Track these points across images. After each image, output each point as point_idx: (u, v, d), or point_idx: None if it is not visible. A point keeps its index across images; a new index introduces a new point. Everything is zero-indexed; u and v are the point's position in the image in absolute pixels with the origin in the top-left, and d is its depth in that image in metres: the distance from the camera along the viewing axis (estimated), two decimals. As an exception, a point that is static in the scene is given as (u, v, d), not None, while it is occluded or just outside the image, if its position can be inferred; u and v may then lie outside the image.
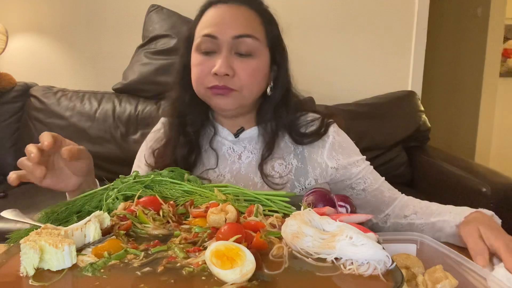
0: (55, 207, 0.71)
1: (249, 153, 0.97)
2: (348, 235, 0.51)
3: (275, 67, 0.96)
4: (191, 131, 0.97)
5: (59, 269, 0.49)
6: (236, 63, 0.88)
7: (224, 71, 0.86)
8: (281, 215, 0.67)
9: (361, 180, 0.96)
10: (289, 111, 0.97)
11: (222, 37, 0.87)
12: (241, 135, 0.98)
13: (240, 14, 0.90)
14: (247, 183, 0.94)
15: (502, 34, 3.50)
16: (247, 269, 0.46)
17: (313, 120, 1.00)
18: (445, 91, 3.84)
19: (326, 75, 2.33)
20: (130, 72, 2.19)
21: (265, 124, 0.97)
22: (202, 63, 0.89)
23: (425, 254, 0.66)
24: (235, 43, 0.87)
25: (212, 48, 0.89)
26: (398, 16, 2.42)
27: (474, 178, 1.78)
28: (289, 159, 0.96)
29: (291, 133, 0.97)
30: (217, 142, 0.99)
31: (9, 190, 1.90)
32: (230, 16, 0.89)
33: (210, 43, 0.88)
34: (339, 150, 0.96)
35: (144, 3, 2.27)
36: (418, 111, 2.23)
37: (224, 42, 0.87)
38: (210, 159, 0.97)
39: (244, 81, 0.88)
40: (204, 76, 0.89)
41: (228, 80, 0.87)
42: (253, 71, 0.89)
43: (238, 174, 0.96)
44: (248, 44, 0.88)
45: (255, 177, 0.95)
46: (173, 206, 0.68)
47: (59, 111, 2.11)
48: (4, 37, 2.14)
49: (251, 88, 0.90)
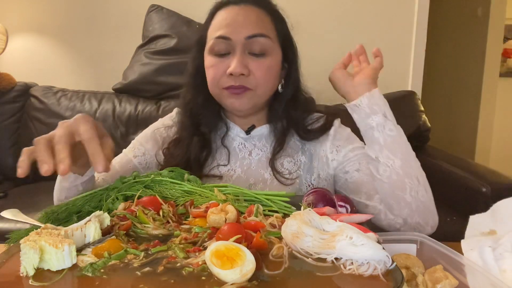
0: (55, 207, 0.71)
1: (259, 151, 0.99)
2: (348, 235, 0.51)
3: (286, 64, 0.98)
4: (206, 131, 0.98)
5: (59, 269, 0.49)
6: (251, 63, 0.89)
7: (240, 71, 0.87)
8: (281, 215, 0.67)
9: (356, 162, 0.94)
10: (298, 108, 0.99)
11: (235, 38, 0.89)
12: (252, 133, 0.99)
13: (251, 14, 0.91)
14: (258, 179, 0.96)
15: (502, 34, 3.51)
16: (247, 269, 0.46)
17: (319, 118, 1.02)
18: (445, 91, 3.85)
19: (326, 75, 2.33)
20: (130, 72, 2.19)
21: (276, 122, 0.99)
22: (217, 65, 0.90)
23: (425, 254, 0.65)
24: (248, 43, 0.89)
25: (225, 49, 0.90)
26: (398, 16, 2.42)
27: (474, 178, 1.78)
28: (297, 157, 0.98)
29: (298, 130, 0.99)
30: (228, 138, 1.00)
31: (9, 190, 1.90)
32: (242, 17, 0.90)
33: (223, 44, 0.89)
34: (340, 140, 0.97)
35: (144, 3, 2.27)
36: (418, 111, 2.23)
37: (238, 42, 0.89)
38: (221, 155, 0.99)
39: (259, 80, 0.90)
40: (219, 77, 0.90)
41: (243, 79, 0.89)
42: (267, 70, 0.91)
43: (248, 170, 0.97)
44: (261, 43, 0.89)
45: (265, 173, 0.96)
46: (173, 206, 0.68)
47: (59, 111, 2.11)
48: (4, 37, 2.14)
49: (265, 86, 0.92)
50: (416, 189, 0.83)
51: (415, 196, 0.83)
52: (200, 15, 1.07)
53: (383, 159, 0.84)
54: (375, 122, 0.85)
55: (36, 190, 1.91)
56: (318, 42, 2.38)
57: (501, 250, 0.64)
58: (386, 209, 0.86)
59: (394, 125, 0.86)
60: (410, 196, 0.83)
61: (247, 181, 0.96)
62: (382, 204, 0.87)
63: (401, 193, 0.83)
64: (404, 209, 0.83)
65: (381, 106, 0.86)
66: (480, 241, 0.66)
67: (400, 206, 0.84)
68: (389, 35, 2.43)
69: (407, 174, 0.83)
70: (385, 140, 0.84)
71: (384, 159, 0.84)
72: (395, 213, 0.85)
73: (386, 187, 0.84)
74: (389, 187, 0.84)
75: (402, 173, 0.83)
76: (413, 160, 0.86)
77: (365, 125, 0.86)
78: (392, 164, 0.84)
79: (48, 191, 0.89)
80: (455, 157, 2.13)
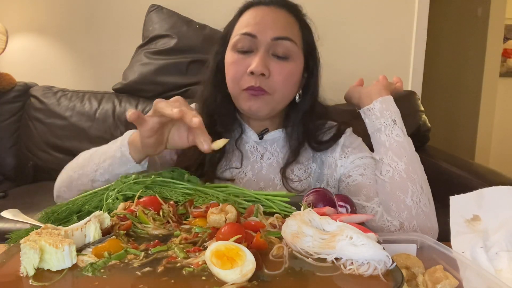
0: (55, 207, 0.71)
1: (271, 155, 0.98)
2: (348, 235, 0.51)
3: (306, 74, 0.96)
4: (221, 131, 0.96)
5: (59, 269, 0.49)
6: (273, 64, 0.88)
7: (261, 70, 0.85)
8: (282, 216, 0.67)
9: (362, 168, 0.92)
10: (314, 119, 0.97)
11: (261, 37, 0.87)
12: (265, 137, 0.98)
13: (280, 17, 0.90)
14: (268, 183, 0.95)
15: (502, 34, 3.51)
16: (247, 269, 0.46)
17: (330, 127, 1.00)
18: (445, 91, 3.85)
19: (326, 75, 2.32)
20: (130, 72, 2.19)
21: (291, 129, 0.97)
22: (238, 62, 0.89)
23: (425, 254, 0.65)
24: (273, 44, 0.88)
25: (249, 47, 0.88)
26: (398, 16, 2.42)
27: (474, 178, 1.78)
28: (308, 164, 0.97)
29: (311, 142, 0.97)
30: (242, 141, 0.99)
31: (9, 190, 1.90)
32: (271, 18, 0.89)
33: (248, 41, 0.88)
34: (350, 147, 0.96)
35: (144, 3, 2.27)
36: (418, 111, 2.23)
37: (263, 42, 0.87)
38: (234, 157, 0.98)
39: (278, 84, 0.88)
40: (240, 76, 0.89)
41: (263, 80, 0.87)
42: (288, 74, 0.89)
43: (259, 173, 0.96)
44: (286, 46, 0.88)
45: (276, 178, 0.95)
46: (173, 206, 0.68)
47: (59, 111, 2.10)
48: (4, 37, 2.14)
49: (284, 92, 0.90)
50: (418, 196, 0.82)
51: (417, 202, 0.82)
52: (200, 15, 1.07)
53: (387, 161, 0.84)
54: (383, 125, 0.86)
55: (36, 190, 1.91)
56: (318, 41, 2.38)
57: (497, 249, 0.64)
58: (384, 210, 0.85)
59: (403, 132, 0.86)
60: (411, 200, 0.82)
61: (257, 185, 0.95)
62: (381, 207, 0.86)
63: (402, 195, 0.82)
64: (403, 212, 0.82)
65: (392, 112, 0.88)
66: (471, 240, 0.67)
67: (399, 208, 0.83)
68: (389, 35, 2.43)
69: (410, 179, 0.83)
70: (391, 144, 0.84)
71: (388, 160, 0.84)
72: (393, 215, 0.83)
73: (387, 186, 0.84)
74: (390, 187, 0.83)
75: (405, 176, 0.83)
76: (419, 169, 0.85)
77: (374, 127, 0.87)
78: (396, 166, 0.84)
79: (48, 191, 0.89)
80: (455, 157, 2.13)
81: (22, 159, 2.08)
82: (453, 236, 0.70)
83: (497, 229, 0.68)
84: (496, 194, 0.73)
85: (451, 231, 0.71)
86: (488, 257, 0.64)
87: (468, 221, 0.72)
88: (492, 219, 0.70)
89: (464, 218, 0.72)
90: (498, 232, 0.67)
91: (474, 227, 0.70)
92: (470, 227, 0.71)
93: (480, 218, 0.72)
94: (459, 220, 0.72)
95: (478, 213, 0.72)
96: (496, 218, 0.70)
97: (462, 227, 0.71)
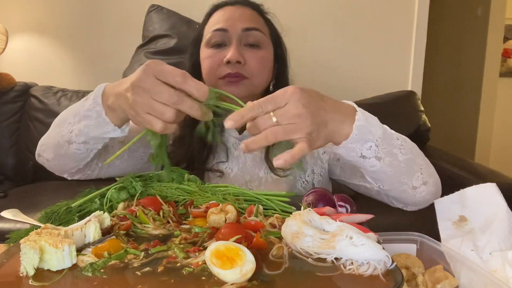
0: (55, 207, 0.71)
1: None
2: (348, 235, 0.51)
3: (277, 64, 1.02)
4: None
5: (59, 269, 0.49)
6: (246, 53, 0.94)
7: (237, 57, 0.91)
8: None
9: None
10: None
11: (232, 30, 0.94)
12: (245, 132, 1.00)
13: (246, 12, 0.98)
14: (253, 176, 0.98)
15: (502, 34, 3.50)
16: (247, 269, 0.46)
17: None
18: (445, 91, 3.84)
19: (326, 75, 2.33)
20: (130, 72, 2.18)
21: None
22: (213, 55, 0.95)
23: (425, 254, 0.66)
24: (244, 35, 0.94)
25: (222, 40, 0.95)
26: (398, 16, 2.42)
27: (474, 178, 1.78)
28: None
29: None
30: (225, 135, 1.02)
31: (9, 190, 1.90)
32: (238, 14, 0.97)
33: (220, 36, 0.95)
34: None
35: (144, 3, 2.27)
36: (418, 111, 2.23)
37: (234, 34, 0.94)
38: (220, 152, 1.01)
39: (254, 69, 0.94)
40: (216, 67, 0.94)
41: (240, 67, 0.93)
42: (261, 60, 0.96)
43: (244, 167, 0.99)
44: (256, 36, 0.96)
45: (260, 172, 0.99)
46: (173, 206, 0.68)
47: (59, 111, 2.06)
48: (4, 37, 2.14)
49: (261, 76, 0.96)
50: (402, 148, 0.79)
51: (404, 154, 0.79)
52: (200, 15, 1.08)
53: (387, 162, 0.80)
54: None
55: (36, 190, 1.91)
56: (318, 42, 2.38)
57: (490, 249, 0.64)
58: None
59: None
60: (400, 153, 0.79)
61: (243, 178, 0.98)
62: None
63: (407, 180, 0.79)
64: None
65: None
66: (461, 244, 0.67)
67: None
68: (389, 35, 2.43)
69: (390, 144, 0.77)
70: None
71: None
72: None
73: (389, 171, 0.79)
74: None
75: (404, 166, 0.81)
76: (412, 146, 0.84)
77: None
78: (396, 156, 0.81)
79: (48, 191, 0.89)
80: (455, 157, 2.13)
81: (22, 159, 2.08)
82: (444, 240, 0.70)
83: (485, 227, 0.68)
84: (478, 193, 0.74)
85: (441, 236, 0.71)
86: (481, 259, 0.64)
87: (455, 223, 0.72)
88: (477, 217, 0.71)
89: (451, 220, 0.73)
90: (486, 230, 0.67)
91: (462, 228, 0.71)
92: (458, 229, 0.71)
93: (466, 218, 0.72)
94: (447, 224, 0.72)
95: (463, 214, 0.72)
96: (481, 216, 0.71)
97: (451, 230, 0.71)
